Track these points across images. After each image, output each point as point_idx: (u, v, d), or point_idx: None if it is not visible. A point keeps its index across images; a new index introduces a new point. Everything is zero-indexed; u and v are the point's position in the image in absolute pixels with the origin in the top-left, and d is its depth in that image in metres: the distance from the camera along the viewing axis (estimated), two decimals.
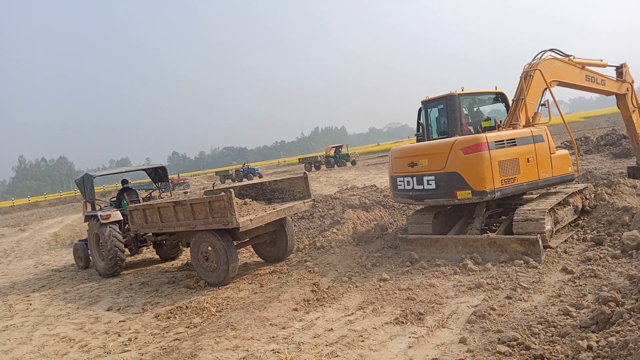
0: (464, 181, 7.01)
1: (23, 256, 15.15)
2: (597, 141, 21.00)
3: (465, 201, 7.14)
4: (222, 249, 7.49)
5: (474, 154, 6.94)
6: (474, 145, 6.97)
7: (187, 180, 50.34)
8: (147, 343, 5.68)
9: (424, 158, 7.54)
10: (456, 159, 7.08)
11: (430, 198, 7.55)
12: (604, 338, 3.84)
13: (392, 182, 8.33)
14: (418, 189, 7.64)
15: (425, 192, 7.54)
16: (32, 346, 6.20)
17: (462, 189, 7.04)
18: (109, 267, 9.72)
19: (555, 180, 7.87)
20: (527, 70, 8.19)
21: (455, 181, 7.10)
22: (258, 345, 5.01)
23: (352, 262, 7.79)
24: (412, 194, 7.80)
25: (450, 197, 7.23)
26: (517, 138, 7.39)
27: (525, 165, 7.35)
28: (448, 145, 7.22)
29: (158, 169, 11.57)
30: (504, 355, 4.03)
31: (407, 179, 7.81)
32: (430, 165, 7.44)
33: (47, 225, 24.55)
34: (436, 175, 7.33)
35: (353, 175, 27.33)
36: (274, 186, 9.20)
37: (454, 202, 7.26)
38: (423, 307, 5.41)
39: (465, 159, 7.00)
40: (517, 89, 8.13)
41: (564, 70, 8.62)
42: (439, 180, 7.30)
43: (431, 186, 7.42)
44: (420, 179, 7.58)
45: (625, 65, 9.53)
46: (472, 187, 6.96)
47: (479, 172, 6.92)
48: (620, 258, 6.05)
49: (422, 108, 8.65)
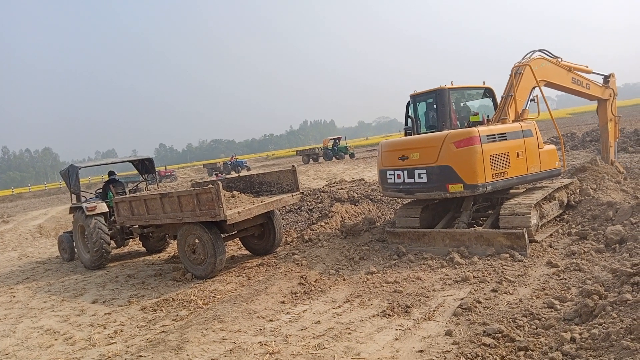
0: (456, 175, 7.00)
1: (6, 248, 14.91)
2: (582, 137, 21.26)
3: (457, 195, 7.13)
4: (209, 242, 7.44)
5: (466, 147, 6.94)
6: (466, 139, 6.97)
7: (174, 173, 50.13)
8: (133, 335, 5.64)
9: (416, 151, 7.50)
10: (448, 153, 7.06)
11: (421, 191, 7.52)
12: (587, 330, 3.89)
13: (382, 175, 8.28)
14: (409, 183, 7.61)
15: (416, 185, 7.52)
16: (15, 339, 6.12)
17: (454, 183, 7.03)
18: (94, 260, 9.62)
19: (543, 175, 7.94)
20: (516, 68, 8.24)
21: (447, 175, 7.08)
22: (245, 337, 5.00)
23: (340, 255, 7.81)
24: (402, 188, 7.76)
25: (442, 190, 7.21)
26: (507, 132, 7.43)
27: (515, 159, 7.40)
28: (440, 138, 7.20)
29: (145, 160, 11.45)
30: (489, 347, 4.08)
31: (398, 172, 7.78)
32: (421, 159, 7.41)
33: (31, 217, 24.18)
34: (428, 169, 7.30)
35: (342, 169, 27.34)
36: (262, 179, 9.17)
37: (445, 195, 7.25)
38: (410, 300, 5.44)
39: (457, 152, 6.99)
40: (507, 85, 8.18)
41: (552, 71, 8.72)
42: (430, 174, 7.28)
43: (422, 179, 7.40)
44: (411, 172, 7.55)
45: (613, 75, 9.93)
46: (464, 181, 6.96)
47: (471, 166, 6.92)
48: (604, 252, 6.15)
49: (410, 102, 8.66)
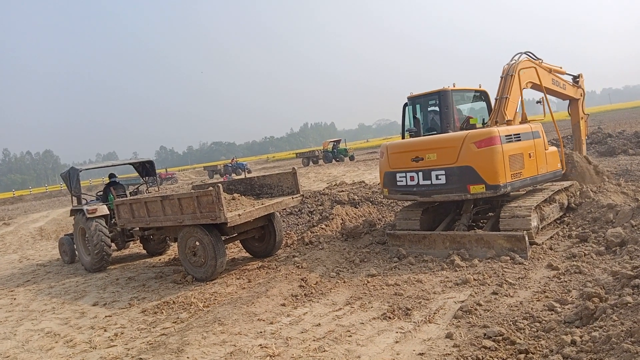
0: (477, 175, 6.86)
1: (7, 250, 14.93)
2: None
3: (479, 195, 6.99)
4: (210, 244, 7.45)
5: (487, 147, 6.83)
6: (487, 139, 6.87)
7: (174, 175, 50.22)
8: (133, 338, 5.64)
9: (432, 152, 7.31)
10: (469, 153, 6.92)
11: (439, 193, 7.29)
12: (587, 333, 3.88)
13: (389, 178, 8.01)
14: (425, 185, 7.40)
15: (433, 187, 7.31)
16: (16, 341, 6.12)
17: (475, 184, 6.88)
18: (95, 262, 9.63)
19: (548, 176, 7.96)
20: (507, 70, 8.25)
21: (468, 175, 6.93)
22: (245, 340, 5.00)
23: (340, 258, 7.81)
24: (417, 190, 7.53)
25: (462, 191, 7.03)
26: (521, 133, 7.44)
27: (528, 160, 7.39)
28: (460, 138, 7.06)
29: (145, 163, 11.46)
30: (489, 350, 4.08)
31: (411, 174, 7.56)
32: (439, 160, 7.22)
33: (32, 219, 24.21)
34: (447, 170, 7.12)
35: (342, 172, 27.36)
36: (263, 181, 9.17)
37: (466, 197, 7.08)
38: (410, 303, 5.44)
39: (478, 152, 6.87)
40: (499, 88, 8.19)
41: (536, 73, 8.77)
42: (450, 175, 7.10)
43: (441, 181, 7.20)
44: (427, 173, 7.35)
45: (582, 75, 10.29)
46: (486, 182, 6.83)
47: (493, 166, 6.82)
48: (605, 254, 6.15)
49: (408, 104, 8.64)
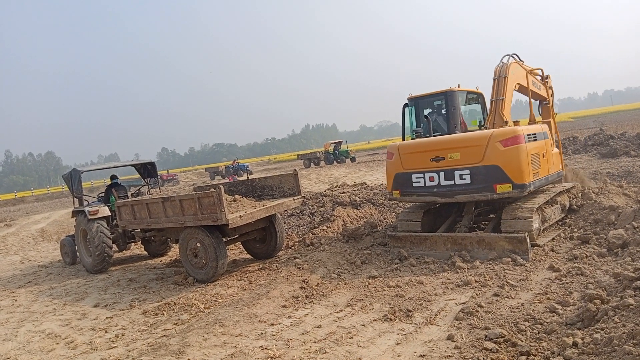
0: (504, 174, 6.79)
1: (9, 252, 14.95)
2: (584, 141, 21.25)
3: (505, 195, 6.91)
4: (211, 246, 7.45)
5: (513, 146, 6.79)
6: (513, 138, 6.83)
7: (176, 177, 50.34)
8: (134, 339, 5.63)
9: (455, 151, 7.15)
10: (495, 152, 6.84)
11: (463, 193, 7.12)
12: (589, 335, 3.87)
13: (403, 179, 7.76)
14: (447, 185, 7.23)
15: (457, 187, 7.15)
16: (17, 342, 6.13)
17: (502, 183, 6.80)
18: (96, 263, 9.64)
19: (554, 177, 8.01)
20: (499, 71, 8.26)
21: (494, 175, 6.84)
22: (246, 341, 4.99)
23: (342, 259, 7.80)
24: (438, 191, 7.33)
25: (488, 191, 6.92)
26: (537, 133, 7.45)
27: (542, 159, 7.42)
28: (485, 137, 6.99)
29: (147, 164, 11.47)
30: (490, 352, 4.06)
31: (430, 174, 7.38)
32: (463, 159, 7.08)
33: (33, 220, 24.25)
34: (472, 169, 6.99)
35: (343, 173, 27.36)
36: (264, 183, 9.17)
37: (492, 196, 6.97)
38: (411, 304, 5.43)
39: (504, 151, 6.81)
40: (493, 89, 8.20)
41: (523, 74, 8.81)
42: (475, 174, 6.97)
43: (465, 181, 7.06)
44: (450, 173, 7.18)
45: (549, 75, 10.31)
46: (512, 181, 6.77)
47: (519, 165, 6.78)
48: (606, 256, 6.13)
49: (408, 105, 8.61)
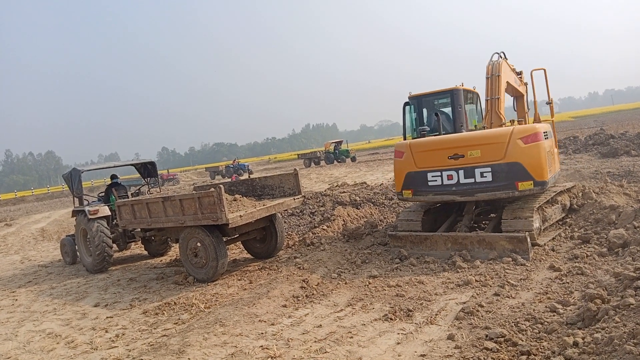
0: (525, 172, 6.78)
1: (9, 251, 14.95)
2: (585, 140, 21.23)
3: (526, 192, 6.89)
4: (211, 245, 7.45)
5: (534, 143, 6.79)
6: (533, 135, 6.83)
7: (176, 176, 50.35)
8: (134, 339, 5.63)
9: (475, 149, 7.08)
10: (517, 149, 6.82)
11: (484, 191, 7.04)
12: (589, 334, 3.87)
13: (416, 178, 7.61)
14: (467, 183, 7.14)
15: (477, 185, 7.07)
16: (17, 342, 6.12)
17: (523, 180, 6.79)
18: (96, 263, 9.63)
19: (557, 176, 8.03)
20: (491, 70, 8.26)
21: (516, 172, 6.82)
22: (247, 341, 4.99)
23: (342, 259, 7.80)
24: (457, 189, 7.23)
25: (510, 189, 6.88)
26: (547, 131, 7.49)
27: (552, 157, 7.46)
28: (506, 134, 6.96)
29: (147, 164, 11.47)
30: (491, 351, 4.06)
31: (449, 172, 7.28)
32: (484, 156, 7.01)
33: (34, 220, 24.24)
34: (493, 167, 6.94)
35: (344, 172, 27.36)
36: (264, 182, 9.17)
37: (513, 194, 6.94)
38: (412, 304, 5.43)
39: (525, 148, 6.80)
40: (488, 88, 8.18)
41: (510, 73, 8.83)
42: (497, 172, 6.92)
43: (486, 178, 7.00)
44: (470, 171, 7.10)
45: (522, 71, 10.34)
46: (534, 178, 6.76)
47: (540, 162, 6.79)
48: (607, 256, 6.13)
49: (409, 103, 8.58)
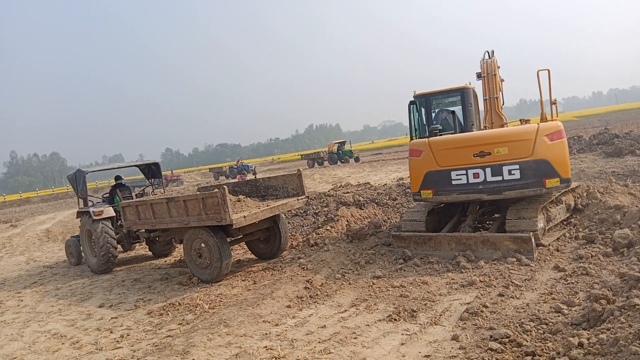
0: (552, 169, 6.77)
1: (14, 252, 15.03)
2: (589, 140, 21.10)
3: (553, 190, 6.92)
4: (215, 246, 7.46)
5: (559, 140, 6.81)
6: (557, 132, 6.85)
7: (180, 177, 50.49)
8: (139, 340, 5.66)
9: (502, 146, 7.01)
10: (543, 146, 6.81)
11: (513, 189, 6.97)
12: (595, 335, 3.86)
13: (438, 177, 7.46)
14: (495, 181, 7.05)
15: (505, 183, 6.99)
16: (23, 342, 6.16)
17: (551, 177, 6.79)
18: (101, 264, 9.68)
19: None
20: (486, 68, 8.23)
21: (544, 169, 6.81)
22: (251, 342, 5.00)
23: (346, 260, 7.80)
24: (484, 188, 7.12)
25: (538, 186, 6.84)
26: None
27: None
28: (532, 131, 6.93)
29: (151, 165, 11.51)
30: (495, 352, 4.05)
31: (475, 170, 7.16)
32: (511, 154, 6.95)
33: (39, 221, 24.35)
34: (521, 164, 6.88)
35: (347, 173, 27.34)
36: (268, 183, 9.18)
37: (541, 191, 6.91)
38: (416, 305, 5.42)
39: (551, 145, 6.81)
40: (486, 88, 8.16)
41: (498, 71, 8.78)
42: (525, 169, 6.87)
43: (514, 176, 6.93)
44: (497, 169, 7.02)
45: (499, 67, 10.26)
46: (560, 175, 6.77)
47: (565, 159, 6.82)
48: (612, 256, 6.10)
49: (415, 102, 8.53)
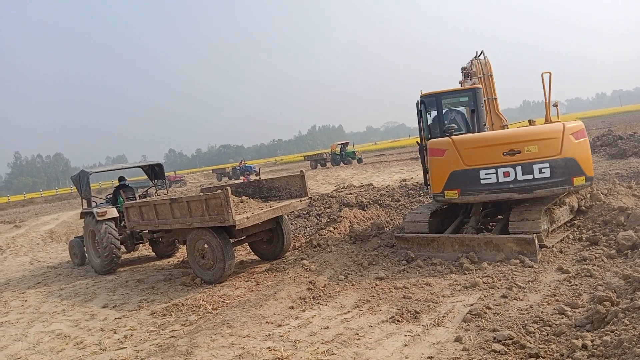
0: (579, 167, 6.83)
1: (18, 253, 15.09)
2: (593, 142, 21.03)
3: (579, 188, 6.98)
4: (218, 247, 7.48)
5: (583, 139, 6.88)
6: (581, 131, 6.93)
7: (183, 178, 50.53)
8: (142, 340, 5.67)
9: (532, 144, 6.96)
10: (570, 144, 6.85)
11: (543, 188, 6.93)
12: (598, 337, 3.85)
13: (465, 176, 7.32)
14: (526, 179, 6.97)
15: (536, 181, 6.93)
16: (27, 343, 6.19)
17: (578, 175, 6.83)
18: (104, 264, 9.71)
19: None
20: (482, 69, 8.22)
21: (572, 167, 6.85)
22: (254, 343, 5.01)
23: (349, 261, 7.80)
24: (514, 186, 7.03)
25: (567, 184, 6.87)
26: None
27: None
28: (559, 129, 6.94)
29: (155, 166, 11.54)
30: (499, 354, 4.05)
31: (505, 169, 7.06)
32: (541, 152, 6.92)
33: (42, 221, 24.42)
34: (551, 162, 6.87)
35: (350, 174, 27.34)
36: (271, 184, 9.20)
37: (569, 189, 6.97)
38: (419, 306, 5.42)
39: (577, 144, 6.86)
40: (484, 89, 8.14)
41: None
42: (554, 167, 6.86)
43: (544, 174, 6.89)
44: (528, 167, 6.95)
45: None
46: (585, 173, 6.83)
47: (589, 158, 6.90)
48: (616, 258, 6.09)
49: (423, 102, 8.44)
